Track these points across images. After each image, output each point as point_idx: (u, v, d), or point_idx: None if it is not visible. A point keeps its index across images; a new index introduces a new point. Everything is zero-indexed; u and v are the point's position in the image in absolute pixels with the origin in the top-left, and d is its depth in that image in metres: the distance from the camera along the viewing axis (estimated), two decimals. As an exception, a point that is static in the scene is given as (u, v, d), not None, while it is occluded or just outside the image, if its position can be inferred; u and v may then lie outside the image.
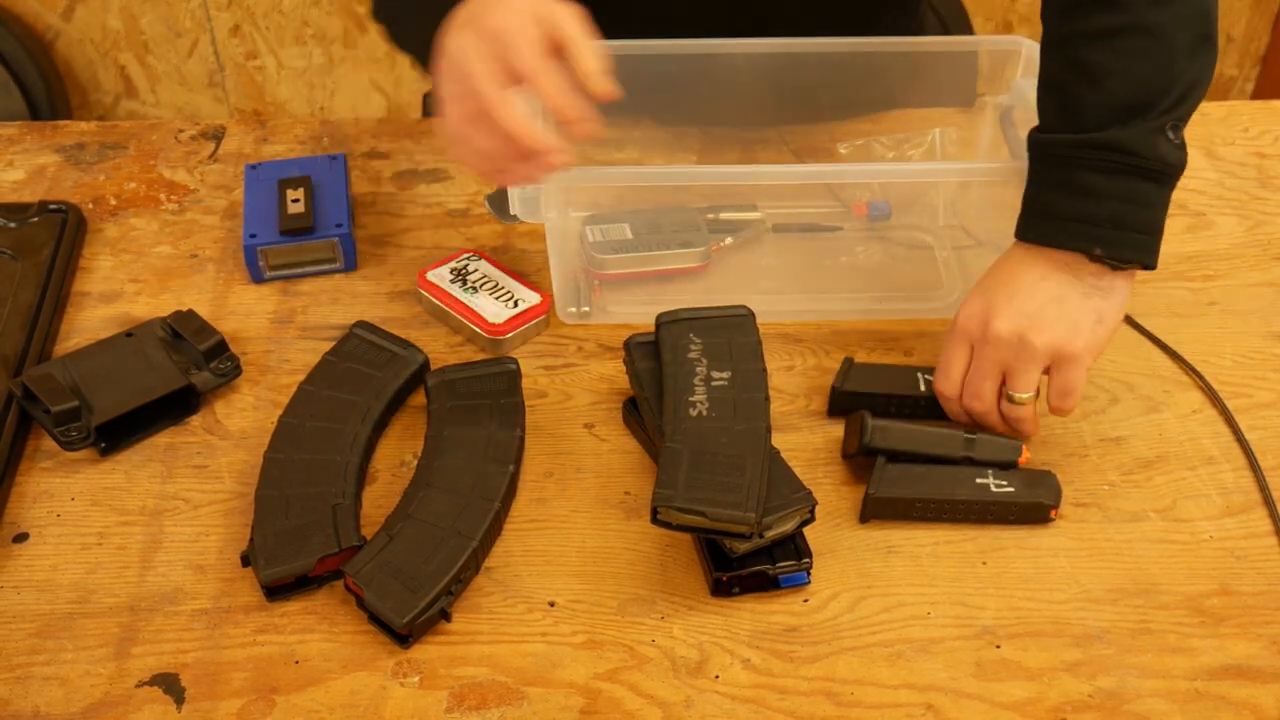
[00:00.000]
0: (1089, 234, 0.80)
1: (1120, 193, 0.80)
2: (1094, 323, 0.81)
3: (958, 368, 0.84)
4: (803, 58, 1.01)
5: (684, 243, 0.98)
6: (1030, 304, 0.81)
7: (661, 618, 0.77)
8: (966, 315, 0.84)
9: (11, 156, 1.11)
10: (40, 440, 0.87)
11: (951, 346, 0.85)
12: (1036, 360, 0.81)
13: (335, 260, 1.00)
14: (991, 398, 0.83)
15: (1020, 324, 0.81)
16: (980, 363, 0.83)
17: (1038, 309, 0.81)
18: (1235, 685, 0.74)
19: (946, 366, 0.85)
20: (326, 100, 2.35)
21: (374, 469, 0.85)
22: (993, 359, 0.82)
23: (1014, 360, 0.82)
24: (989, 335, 0.82)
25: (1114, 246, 0.80)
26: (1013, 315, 0.81)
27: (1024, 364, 0.81)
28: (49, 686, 0.72)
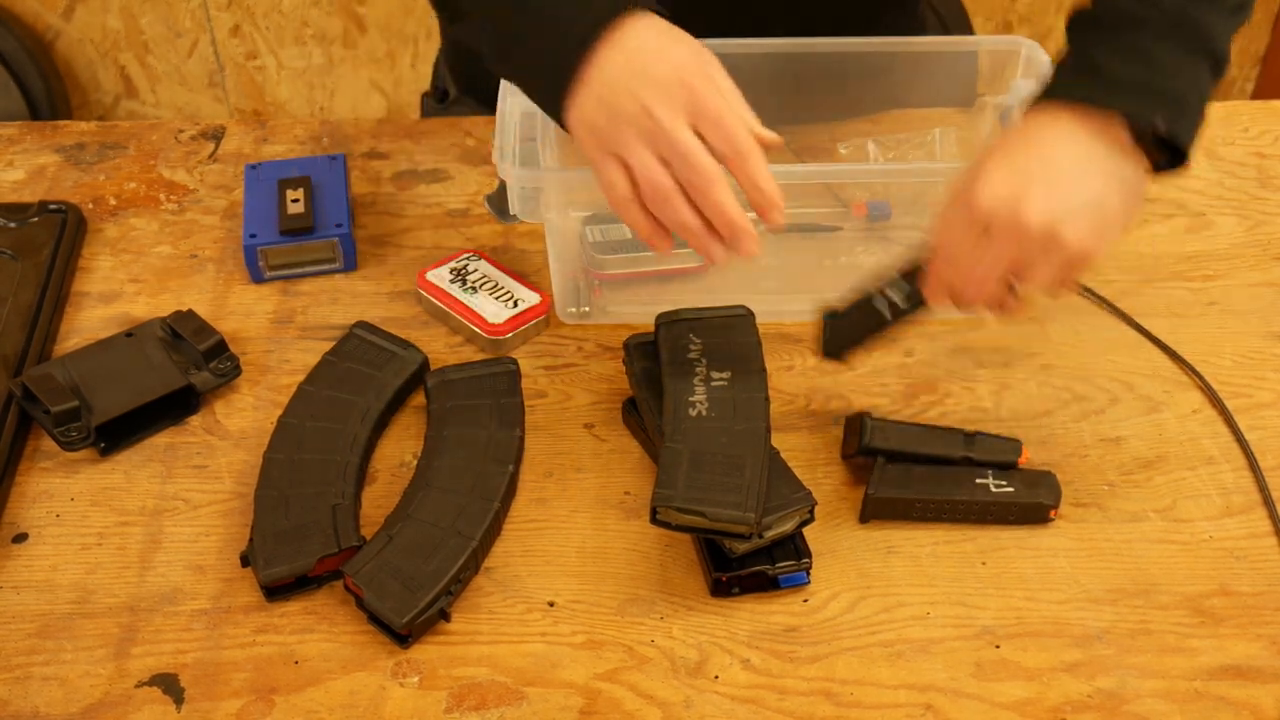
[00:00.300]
0: (1156, 103, 0.70)
1: (1190, 76, 0.71)
2: (1122, 226, 0.72)
3: (966, 253, 0.73)
4: (803, 58, 1.01)
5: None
6: (1072, 196, 0.70)
7: (661, 618, 0.77)
8: (992, 196, 0.70)
9: (11, 156, 1.11)
10: (40, 440, 0.87)
11: (962, 228, 0.72)
12: (1064, 259, 0.71)
13: (335, 260, 1.00)
14: (998, 290, 0.74)
15: (1056, 217, 0.70)
16: (997, 252, 0.72)
17: (1079, 203, 0.70)
18: (1235, 685, 0.74)
19: (953, 252, 0.73)
20: (326, 100, 2.35)
21: (374, 469, 0.85)
22: (1013, 250, 0.71)
23: (1039, 254, 0.71)
24: (1019, 225, 0.70)
25: (1174, 122, 0.70)
26: (1050, 206, 0.69)
27: (1048, 260, 0.71)
28: (48, 687, 0.72)
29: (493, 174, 1.09)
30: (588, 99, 0.73)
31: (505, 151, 0.87)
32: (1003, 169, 0.72)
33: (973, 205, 0.72)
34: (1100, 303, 0.99)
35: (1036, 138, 0.72)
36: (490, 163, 1.10)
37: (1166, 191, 1.10)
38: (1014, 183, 0.71)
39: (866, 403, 0.91)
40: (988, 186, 0.71)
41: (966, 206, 0.72)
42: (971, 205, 0.72)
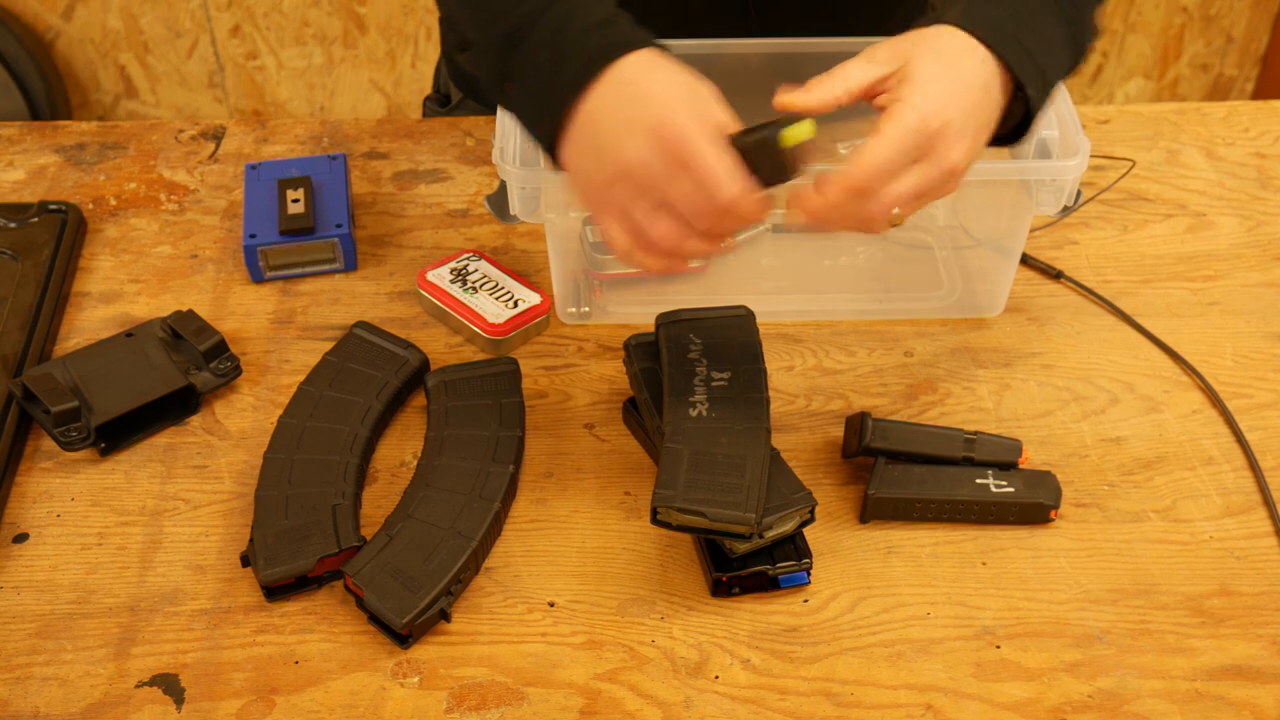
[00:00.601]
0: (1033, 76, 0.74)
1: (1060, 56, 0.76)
2: None
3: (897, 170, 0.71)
4: (803, 58, 1.01)
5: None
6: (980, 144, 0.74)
7: (661, 618, 0.77)
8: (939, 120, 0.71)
9: (11, 156, 1.11)
10: (40, 440, 0.87)
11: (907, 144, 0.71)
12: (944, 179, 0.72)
13: (335, 260, 1.00)
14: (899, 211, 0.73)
15: (967, 163, 0.73)
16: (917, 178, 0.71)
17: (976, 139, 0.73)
18: (1235, 685, 0.74)
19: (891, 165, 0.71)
20: (326, 100, 2.35)
21: (374, 469, 0.85)
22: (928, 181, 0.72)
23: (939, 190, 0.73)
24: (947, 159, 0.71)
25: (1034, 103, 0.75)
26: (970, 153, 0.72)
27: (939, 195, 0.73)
28: (49, 687, 0.72)
29: (493, 174, 1.09)
30: (578, 146, 0.72)
31: (505, 151, 0.87)
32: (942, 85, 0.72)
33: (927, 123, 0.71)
34: (1100, 303, 0.99)
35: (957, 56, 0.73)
36: (490, 163, 1.10)
37: (1166, 191, 1.10)
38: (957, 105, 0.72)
39: (866, 403, 0.91)
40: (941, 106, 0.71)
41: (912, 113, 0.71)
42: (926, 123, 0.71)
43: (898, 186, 0.71)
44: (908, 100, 0.71)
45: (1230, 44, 2.38)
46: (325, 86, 2.33)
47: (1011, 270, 0.96)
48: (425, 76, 2.30)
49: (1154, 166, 1.12)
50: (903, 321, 0.97)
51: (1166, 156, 1.14)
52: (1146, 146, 1.14)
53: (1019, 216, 0.94)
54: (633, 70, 0.71)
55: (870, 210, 0.72)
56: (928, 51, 0.74)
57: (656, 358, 0.85)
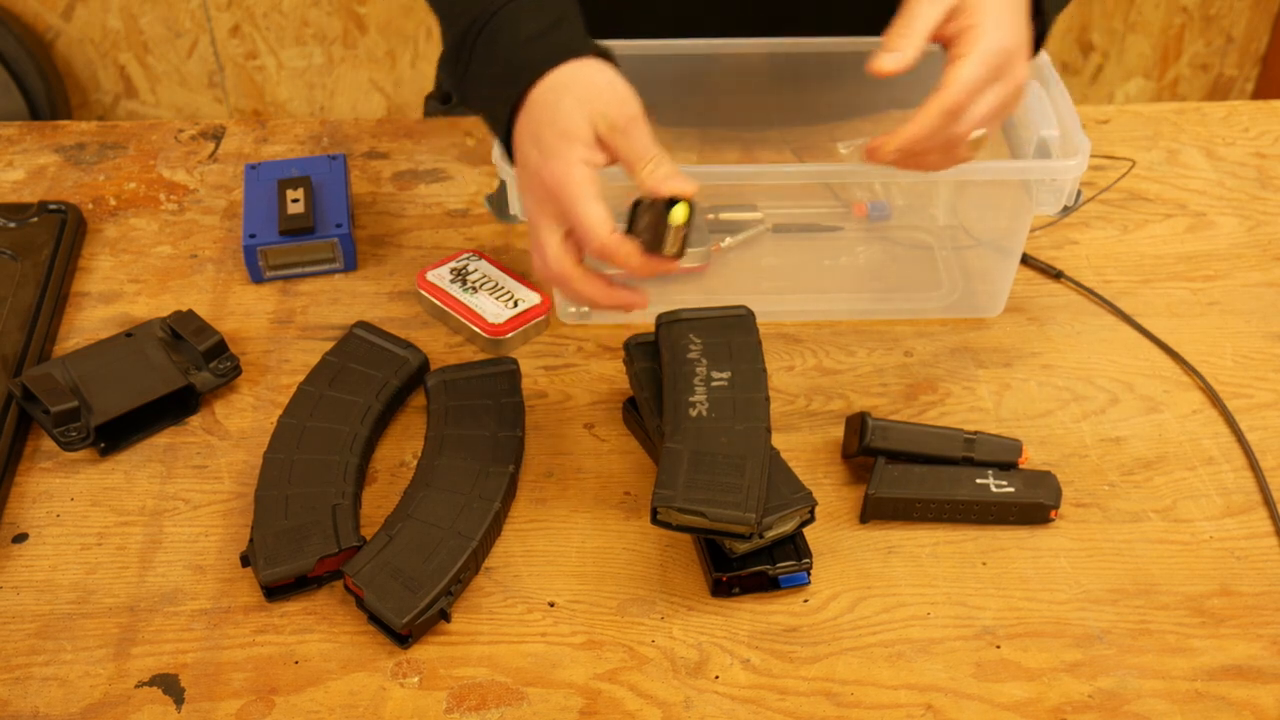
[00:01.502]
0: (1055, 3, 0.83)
1: None
2: None
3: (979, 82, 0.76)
4: (803, 58, 1.01)
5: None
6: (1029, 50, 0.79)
7: (661, 618, 0.77)
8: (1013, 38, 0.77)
9: (11, 156, 1.11)
10: (40, 440, 0.87)
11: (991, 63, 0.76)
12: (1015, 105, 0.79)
13: (335, 260, 1.00)
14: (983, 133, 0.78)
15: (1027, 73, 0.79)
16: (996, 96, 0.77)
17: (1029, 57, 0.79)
18: (1235, 685, 0.74)
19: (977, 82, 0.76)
20: (326, 100, 2.35)
21: (374, 469, 0.85)
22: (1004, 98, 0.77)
23: (1010, 107, 0.79)
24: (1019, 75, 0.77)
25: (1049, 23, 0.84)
26: (1025, 60, 0.78)
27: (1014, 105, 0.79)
28: (48, 687, 0.72)
29: (493, 174, 1.09)
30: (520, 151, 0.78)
31: (505, 151, 0.87)
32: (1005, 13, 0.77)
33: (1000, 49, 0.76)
34: (1100, 303, 0.99)
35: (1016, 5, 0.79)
36: (490, 163, 1.10)
37: (1166, 191, 1.10)
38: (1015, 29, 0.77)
39: (866, 403, 0.91)
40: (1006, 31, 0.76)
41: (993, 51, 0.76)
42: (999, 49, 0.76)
43: (982, 105, 0.76)
44: (982, 26, 0.76)
45: (1230, 44, 2.38)
46: (325, 86, 2.33)
47: (1011, 270, 0.96)
48: (425, 76, 2.30)
49: (1154, 166, 1.12)
50: (903, 321, 0.97)
51: (1166, 156, 1.13)
52: (1146, 146, 1.14)
53: (1019, 216, 0.94)
54: (544, 95, 0.76)
55: (959, 131, 0.76)
56: None
57: (656, 358, 0.85)
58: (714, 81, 1.01)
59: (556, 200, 0.74)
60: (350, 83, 2.32)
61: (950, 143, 0.77)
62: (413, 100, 2.35)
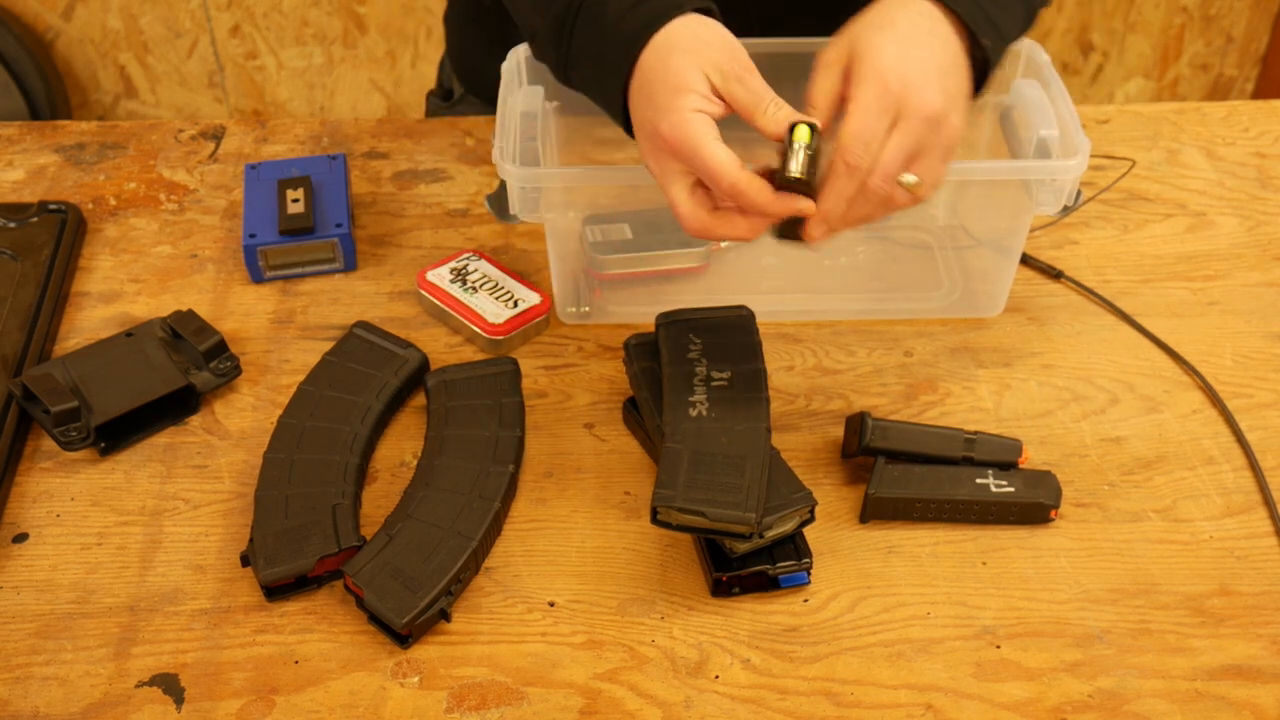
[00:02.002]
0: (988, 29, 0.77)
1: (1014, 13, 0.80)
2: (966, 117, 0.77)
3: (878, 133, 0.72)
4: (803, 58, 1.01)
5: (684, 243, 0.98)
6: (950, 82, 0.74)
7: (661, 618, 0.77)
8: (899, 78, 0.72)
9: (11, 156, 1.11)
10: (40, 440, 0.87)
11: (875, 109, 0.72)
12: (945, 144, 0.74)
13: (335, 260, 1.00)
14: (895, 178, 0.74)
15: (946, 103, 0.73)
16: (902, 132, 0.72)
17: (955, 90, 0.74)
18: (1235, 685, 0.74)
19: (866, 131, 0.72)
20: (326, 100, 2.35)
21: (374, 469, 0.85)
22: (916, 131, 0.73)
23: (932, 137, 0.73)
24: (922, 106, 0.72)
25: (992, 55, 0.78)
26: (942, 91, 0.73)
27: (938, 144, 0.74)
28: (49, 687, 0.72)
29: (493, 174, 1.09)
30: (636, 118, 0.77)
31: (505, 151, 0.87)
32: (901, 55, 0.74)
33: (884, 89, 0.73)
34: (1100, 303, 0.99)
35: (912, 23, 0.75)
36: (490, 163, 1.10)
37: (1166, 191, 1.10)
38: (913, 67, 0.73)
39: (866, 403, 0.91)
40: (894, 70, 0.73)
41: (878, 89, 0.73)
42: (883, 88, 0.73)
43: (890, 152, 0.72)
44: (860, 73, 0.73)
45: (1230, 44, 2.38)
46: (325, 86, 2.33)
47: (1011, 270, 0.96)
48: (425, 76, 2.30)
49: (1154, 166, 1.12)
50: (903, 321, 0.97)
51: (1166, 156, 1.14)
52: (1146, 146, 1.14)
53: (1019, 216, 0.94)
54: (653, 58, 0.75)
55: (876, 186, 0.73)
56: (866, 27, 0.76)
57: (656, 357, 0.85)
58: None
59: (678, 153, 0.74)
60: (350, 83, 2.32)
61: (876, 198, 0.74)
62: (413, 100, 2.35)
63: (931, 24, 0.76)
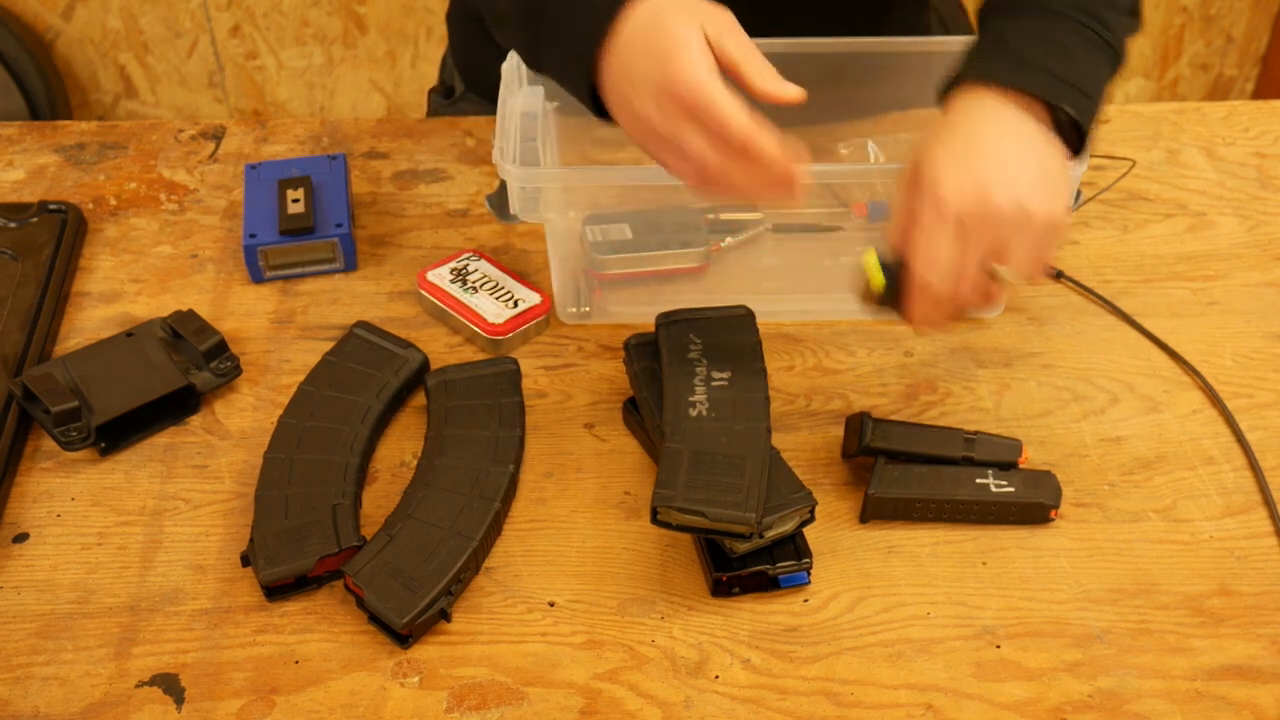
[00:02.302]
0: (1066, 93, 0.75)
1: (1092, 66, 0.77)
2: (1067, 192, 0.75)
3: (946, 251, 0.73)
4: (802, 59, 1.01)
5: (684, 243, 0.98)
6: (1024, 171, 0.73)
7: (661, 618, 0.77)
8: (956, 191, 0.72)
9: (11, 156, 1.11)
10: (40, 440, 0.87)
11: (936, 229, 0.73)
12: (1035, 232, 0.73)
13: (335, 260, 1.00)
14: (983, 278, 0.75)
15: (1020, 194, 0.72)
16: (975, 242, 0.73)
17: (1034, 176, 0.73)
18: (1235, 685, 0.74)
19: (933, 253, 0.73)
20: (326, 100, 2.35)
21: (374, 469, 0.85)
22: (990, 236, 0.73)
23: (1013, 234, 0.73)
24: (988, 212, 0.72)
25: (1081, 113, 0.75)
26: (1011, 185, 0.72)
27: (1022, 237, 0.73)
28: (49, 686, 0.72)
29: (493, 174, 1.09)
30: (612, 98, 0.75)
31: (505, 151, 0.87)
32: (955, 163, 0.73)
33: (940, 205, 0.73)
34: (1100, 303, 0.99)
35: (973, 124, 0.75)
36: (490, 163, 1.10)
37: (1166, 191, 1.10)
38: (971, 172, 0.72)
39: (866, 403, 0.91)
40: (948, 182, 0.72)
41: (934, 208, 0.73)
42: (939, 206, 0.73)
43: (967, 267, 0.73)
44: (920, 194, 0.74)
45: (1230, 44, 2.38)
46: (325, 86, 2.33)
47: (1011, 270, 0.96)
48: (425, 76, 2.30)
49: (1154, 166, 1.12)
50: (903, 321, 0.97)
51: (1166, 156, 1.14)
52: (1146, 146, 1.14)
53: (1019, 216, 0.93)
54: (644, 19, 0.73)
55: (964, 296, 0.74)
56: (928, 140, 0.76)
57: (656, 357, 0.85)
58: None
59: (687, 98, 0.70)
60: (350, 83, 2.32)
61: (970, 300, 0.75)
62: (413, 100, 2.35)
63: (995, 116, 0.75)
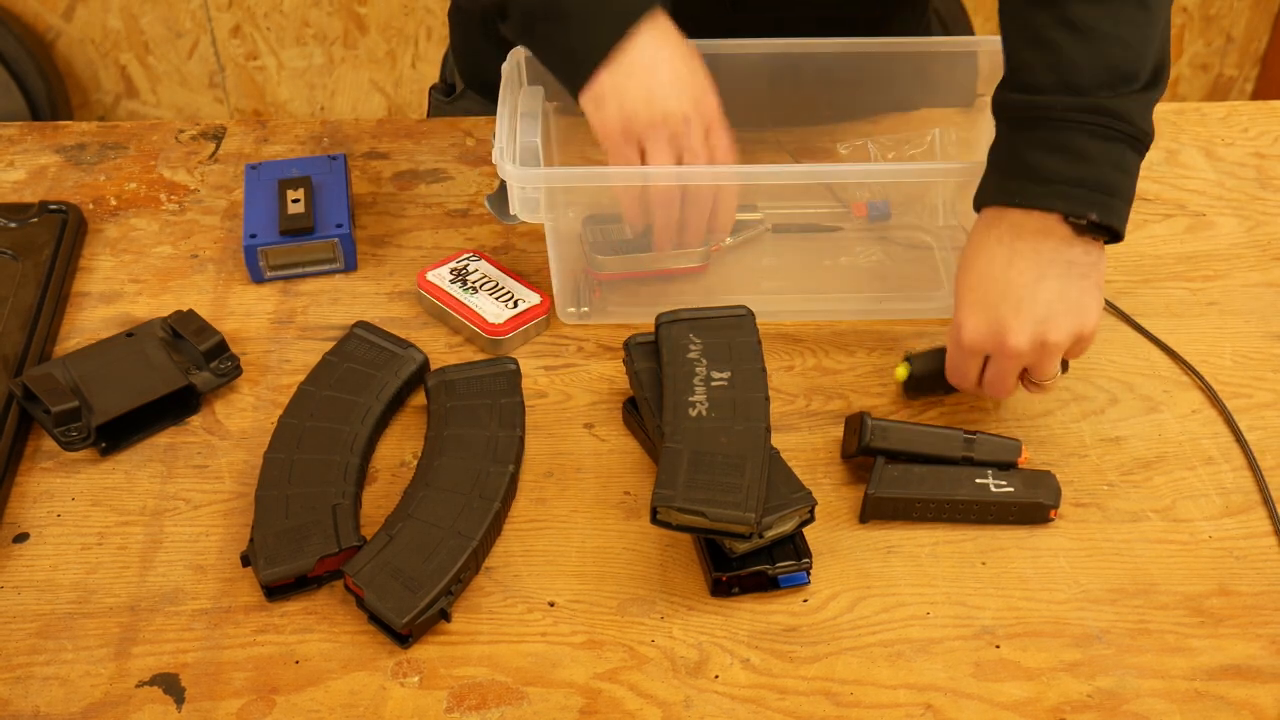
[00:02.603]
0: (1086, 198, 0.78)
1: (1113, 160, 0.78)
2: (1095, 298, 0.81)
3: (973, 375, 0.84)
4: (803, 59, 1.01)
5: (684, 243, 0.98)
6: (1038, 308, 0.79)
7: (661, 618, 0.77)
8: (973, 332, 0.81)
9: (12, 157, 1.11)
10: (41, 440, 0.87)
11: (963, 361, 0.84)
12: (1058, 353, 0.81)
13: (335, 260, 1.00)
14: (1015, 388, 0.84)
15: (1036, 331, 0.79)
16: (1001, 369, 0.82)
17: (1047, 310, 0.79)
18: (1234, 685, 0.74)
19: (963, 376, 0.85)
20: (326, 100, 2.35)
21: (374, 469, 0.85)
22: (1014, 364, 0.82)
23: (1037, 360, 0.81)
24: (1007, 350, 0.80)
25: (1105, 213, 0.78)
26: (1026, 325, 0.79)
27: (1047, 359, 0.81)
28: (49, 686, 0.72)
29: (493, 174, 1.09)
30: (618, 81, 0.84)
31: (505, 151, 0.87)
32: (974, 309, 0.81)
33: (962, 343, 0.83)
34: (1100, 303, 0.99)
35: (991, 257, 0.81)
36: (490, 163, 1.10)
37: (1166, 191, 1.10)
38: (989, 318, 0.81)
39: (866, 403, 0.91)
40: (968, 325, 0.82)
41: (957, 344, 0.83)
42: (961, 344, 0.83)
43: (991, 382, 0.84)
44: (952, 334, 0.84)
45: (1230, 44, 2.38)
46: (325, 86, 2.33)
47: (1011, 270, 0.96)
48: (425, 76, 2.30)
49: (1154, 166, 1.12)
50: (903, 321, 0.97)
51: (1166, 156, 1.14)
52: (1146, 146, 1.14)
53: (1019, 216, 0.93)
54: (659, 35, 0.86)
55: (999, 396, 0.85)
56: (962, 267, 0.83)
57: (656, 357, 0.85)
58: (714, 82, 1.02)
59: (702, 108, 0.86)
60: (350, 83, 2.32)
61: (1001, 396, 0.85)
62: (413, 100, 2.35)
63: (1011, 245, 0.80)
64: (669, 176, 0.88)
